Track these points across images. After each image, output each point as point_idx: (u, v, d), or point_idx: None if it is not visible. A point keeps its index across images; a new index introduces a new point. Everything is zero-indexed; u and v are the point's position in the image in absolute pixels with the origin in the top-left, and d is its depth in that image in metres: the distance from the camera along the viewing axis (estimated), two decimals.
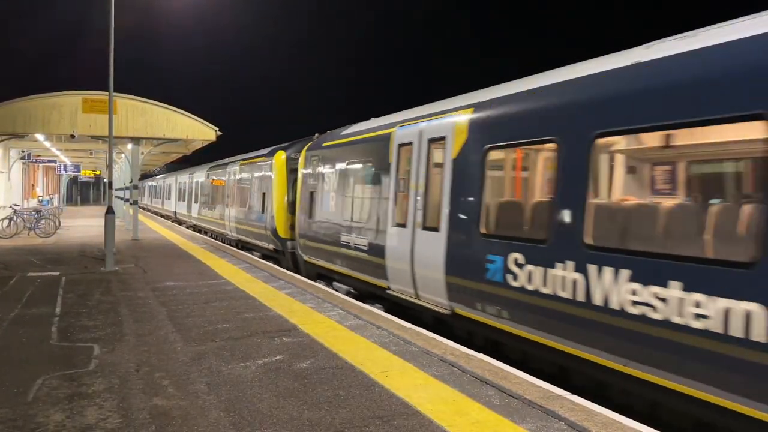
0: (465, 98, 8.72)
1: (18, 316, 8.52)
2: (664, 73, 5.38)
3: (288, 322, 8.30)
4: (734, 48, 4.83)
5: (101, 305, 9.38)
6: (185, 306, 9.36)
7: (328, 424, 4.71)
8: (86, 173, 49.09)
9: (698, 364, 4.72)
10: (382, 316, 8.76)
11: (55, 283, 11.54)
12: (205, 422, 4.73)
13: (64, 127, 20.11)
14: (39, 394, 5.31)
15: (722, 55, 4.89)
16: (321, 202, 13.33)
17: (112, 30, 14.45)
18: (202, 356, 6.57)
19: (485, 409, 5.06)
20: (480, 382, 5.76)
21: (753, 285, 4.37)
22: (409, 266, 9.14)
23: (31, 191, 41.24)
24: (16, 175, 32.04)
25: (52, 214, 25.29)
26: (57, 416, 4.82)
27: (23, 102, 19.68)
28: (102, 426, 4.62)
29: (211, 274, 13.00)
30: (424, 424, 4.74)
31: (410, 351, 6.83)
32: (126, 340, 7.22)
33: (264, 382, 5.72)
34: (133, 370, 6.05)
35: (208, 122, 22.14)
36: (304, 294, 10.57)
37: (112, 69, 14.53)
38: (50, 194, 51.42)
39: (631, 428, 4.66)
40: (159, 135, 21.49)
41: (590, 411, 5.02)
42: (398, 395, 5.37)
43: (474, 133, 7.91)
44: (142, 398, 5.24)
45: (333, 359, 6.49)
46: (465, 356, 6.65)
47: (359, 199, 11.40)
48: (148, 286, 11.24)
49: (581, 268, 5.84)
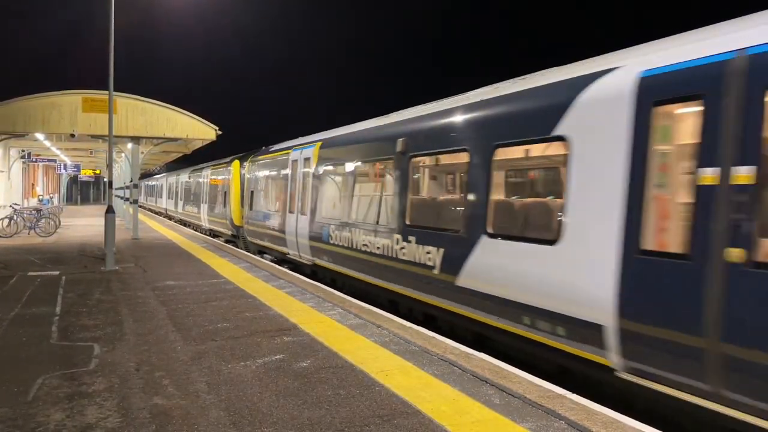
0: (323, 134, 14.38)
1: (18, 316, 8.52)
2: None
3: (288, 321, 8.30)
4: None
5: (101, 304, 9.38)
6: (185, 305, 9.36)
7: (328, 424, 4.71)
8: (86, 172, 49.15)
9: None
10: (382, 316, 8.76)
11: (55, 282, 11.54)
12: (206, 421, 4.73)
13: (64, 127, 20.09)
14: (39, 394, 5.31)
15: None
16: (256, 198, 18.89)
17: (112, 29, 14.44)
18: (202, 355, 6.57)
19: (485, 408, 5.06)
20: (480, 381, 5.76)
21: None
22: (295, 238, 14.58)
23: (31, 190, 41.26)
24: (16, 174, 32.06)
25: (52, 214, 25.28)
26: (57, 415, 4.82)
27: (23, 101, 19.65)
28: (102, 425, 4.62)
29: (211, 273, 13.00)
30: (425, 423, 4.74)
31: (410, 350, 6.83)
32: (126, 340, 7.22)
33: (264, 381, 5.72)
34: (134, 370, 6.05)
35: (209, 121, 22.14)
36: (304, 293, 10.57)
37: (112, 68, 14.52)
38: (50, 193, 51.46)
39: (631, 427, 4.66)
40: (159, 134, 21.47)
41: (590, 410, 5.01)
42: (398, 394, 5.37)
43: (321, 156, 13.55)
44: (143, 397, 5.24)
45: (333, 358, 6.49)
46: (465, 355, 6.65)
47: (275, 195, 17.04)
48: (148, 286, 11.24)
49: (351, 232, 11.28)
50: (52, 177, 53.86)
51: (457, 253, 7.88)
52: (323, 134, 14.25)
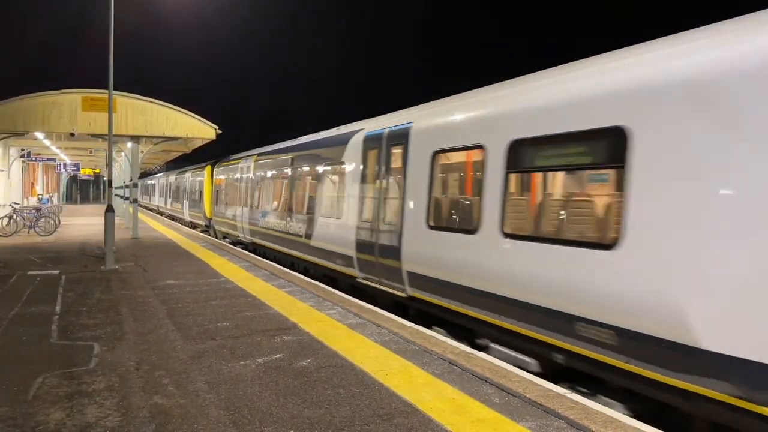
0: (258, 149, 20.25)
1: (18, 315, 8.52)
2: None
3: (288, 320, 8.31)
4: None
5: (101, 304, 9.38)
6: (185, 304, 9.36)
7: (328, 423, 4.71)
8: (86, 171, 49.15)
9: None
10: (382, 315, 8.76)
11: (54, 281, 11.54)
12: (205, 421, 4.73)
13: (64, 126, 20.06)
14: (39, 393, 5.32)
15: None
16: (220, 196, 24.61)
17: (112, 28, 14.43)
18: (202, 355, 6.57)
19: (485, 407, 5.06)
20: (480, 380, 5.76)
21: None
22: (241, 224, 20.38)
23: (31, 189, 41.24)
24: (15, 173, 32.03)
25: (51, 213, 25.28)
26: (57, 414, 4.82)
27: (23, 100, 19.62)
28: (102, 424, 4.62)
29: (211, 272, 13.00)
30: (425, 422, 4.74)
31: (410, 349, 6.84)
32: (126, 339, 7.22)
33: (264, 380, 5.73)
34: (133, 369, 6.05)
35: (209, 120, 22.11)
36: (303, 292, 10.57)
37: (112, 67, 14.51)
38: (50, 192, 51.40)
39: (631, 426, 4.67)
40: (159, 133, 21.44)
41: (590, 409, 5.02)
42: (398, 394, 5.37)
43: (255, 166, 19.28)
44: (142, 396, 5.25)
45: (333, 358, 6.49)
46: (465, 355, 6.66)
47: (231, 194, 22.43)
48: (148, 285, 11.24)
49: (280, 218, 16.04)
50: (51, 176, 53.83)
51: (309, 228, 13.56)
52: (258, 150, 20.30)
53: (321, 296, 10.21)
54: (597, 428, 4.61)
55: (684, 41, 5.33)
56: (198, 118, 21.84)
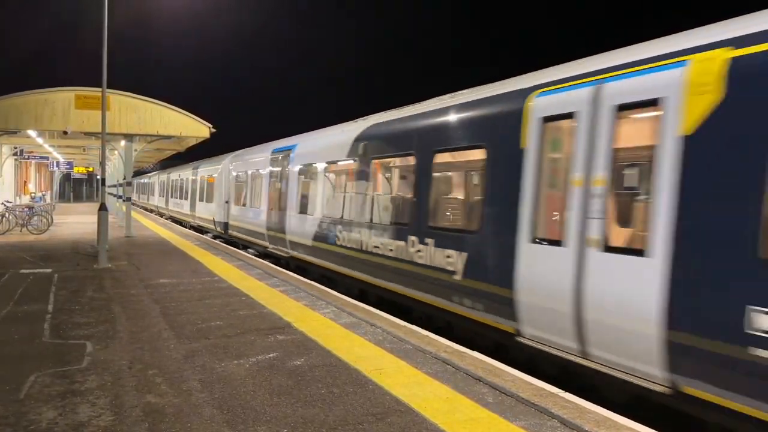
0: (234, 152, 22.85)
1: (10, 313, 8.48)
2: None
3: (282, 319, 8.30)
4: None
5: (94, 302, 9.35)
6: (178, 303, 9.34)
7: (321, 422, 4.71)
8: (79, 170, 48.84)
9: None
10: (376, 314, 8.77)
11: (47, 280, 11.48)
12: (199, 419, 4.72)
13: (57, 124, 19.95)
14: (31, 392, 5.29)
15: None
16: (201, 193, 27.67)
17: (105, 25, 14.38)
18: (195, 353, 6.55)
19: (479, 406, 5.08)
20: (473, 379, 5.77)
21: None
22: (221, 219, 22.73)
23: (24, 188, 41.02)
24: (8, 171, 31.86)
25: (44, 211, 25.14)
26: (49, 413, 4.80)
27: (15, 98, 19.50)
28: (95, 423, 4.61)
29: (205, 271, 12.97)
30: (418, 421, 4.75)
31: (404, 349, 6.84)
32: (119, 338, 7.20)
33: (258, 379, 5.72)
34: (126, 368, 6.03)
35: (203, 119, 22.05)
36: (298, 291, 10.56)
37: (105, 65, 14.46)
38: (43, 191, 51.17)
39: (623, 425, 4.69)
40: (152, 132, 21.35)
41: (583, 408, 5.04)
42: (392, 393, 5.38)
43: (231, 166, 22.04)
44: (135, 395, 5.23)
45: (327, 357, 6.49)
46: (458, 354, 6.67)
47: (211, 192, 24.91)
48: (141, 284, 11.20)
49: (247, 214, 19.47)
50: (44, 174, 53.56)
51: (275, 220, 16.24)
52: (234, 153, 22.68)
53: (315, 295, 10.20)
54: (590, 427, 4.63)
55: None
56: (192, 116, 21.76)
